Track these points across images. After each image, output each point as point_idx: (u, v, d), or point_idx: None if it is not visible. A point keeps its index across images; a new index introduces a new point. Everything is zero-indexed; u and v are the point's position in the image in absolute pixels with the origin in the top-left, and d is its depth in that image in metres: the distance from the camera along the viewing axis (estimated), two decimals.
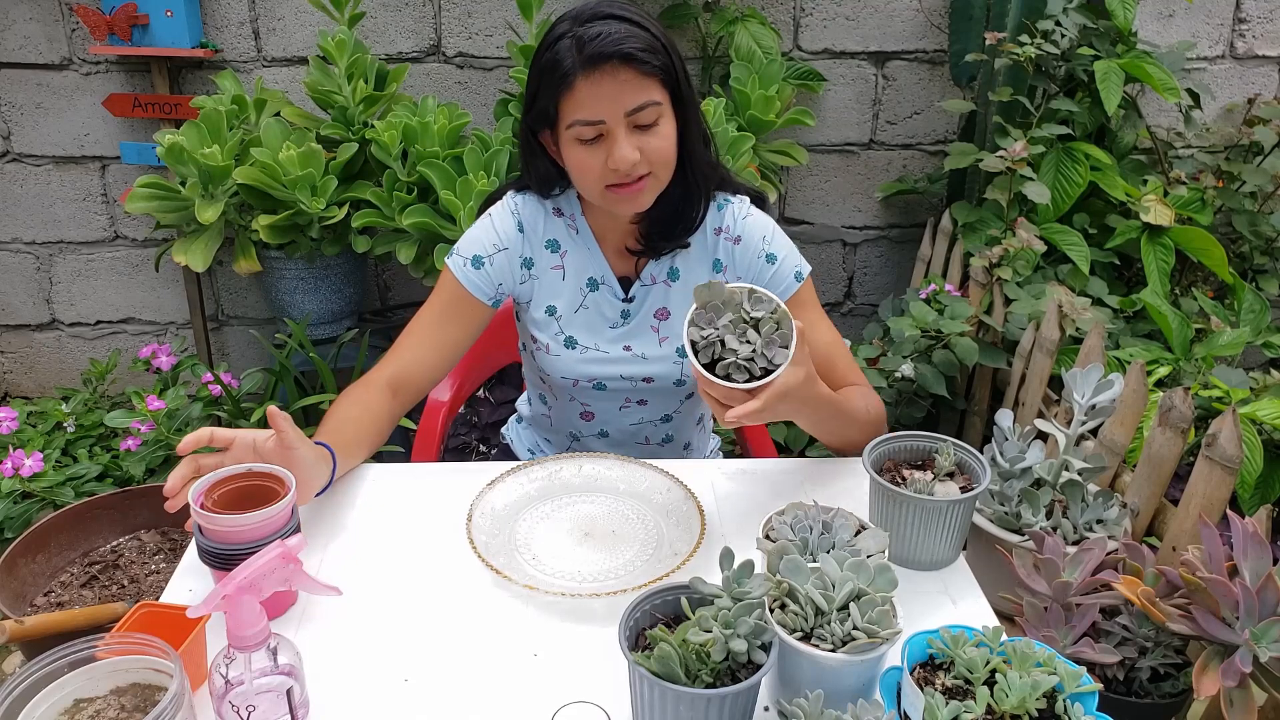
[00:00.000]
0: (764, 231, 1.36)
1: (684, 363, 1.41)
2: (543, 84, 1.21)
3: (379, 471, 1.27)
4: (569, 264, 1.37)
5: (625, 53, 1.15)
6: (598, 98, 1.17)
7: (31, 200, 2.74)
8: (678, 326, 1.40)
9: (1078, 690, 0.79)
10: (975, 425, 2.27)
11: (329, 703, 0.89)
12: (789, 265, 1.35)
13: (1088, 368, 1.20)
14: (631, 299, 1.38)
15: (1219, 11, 2.67)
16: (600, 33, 1.15)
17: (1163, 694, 1.06)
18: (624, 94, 1.17)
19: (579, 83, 1.16)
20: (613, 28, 1.16)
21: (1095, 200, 2.41)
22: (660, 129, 1.21)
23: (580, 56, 1.16)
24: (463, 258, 1.34)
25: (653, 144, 1.20)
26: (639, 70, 1.17)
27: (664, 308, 1.39)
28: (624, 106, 1.17)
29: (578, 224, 1.37)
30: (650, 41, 1.18)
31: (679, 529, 1.12)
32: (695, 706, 0.78)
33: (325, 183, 2.29)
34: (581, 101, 1.17)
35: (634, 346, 1.39)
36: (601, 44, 1.15)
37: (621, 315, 1.39)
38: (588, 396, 1.42)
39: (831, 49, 2.67)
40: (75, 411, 2.36)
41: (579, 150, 1.21)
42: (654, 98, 1.19)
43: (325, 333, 2.55)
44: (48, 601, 1.57)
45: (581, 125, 1.19)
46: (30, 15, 2.54)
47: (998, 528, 1.21)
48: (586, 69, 1.16)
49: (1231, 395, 1.66)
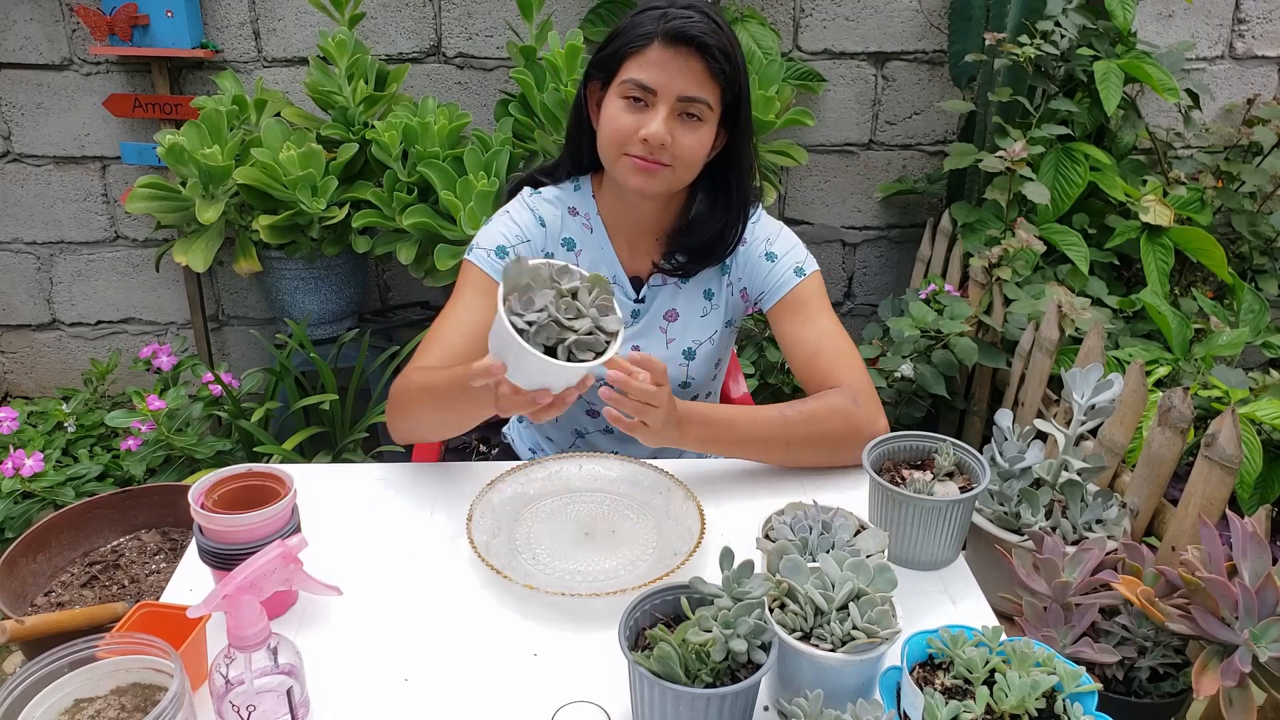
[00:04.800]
0: (768, 233, 1.39)
1: (690, 364, 1.41)
2: (619, 37, 1.25)
3: (379, 471, 1.27)
4: (583, 263, 1.38)
5: (704, 44, 1.20)
6: (663, 68, 1.21)
7: (32, 200, 2.74)
8: (685, 328, 1.41)
9: (1077, 690, 0.80)
10: (975, 425, 2.27)
11: (329, 703, 0.89)
12: (788, 262, 1.37)
13: (1087, 368, 1.20)
14: (642, 299, 1.39)
15: (1218, 12, 2.67)
16: (691, 16, 1.21)
17: (1162, 694, 1.06)
18: (687, 78, 1.21)
19: (653, 47, 1.21)
20: (704, 20, 1.21)
21: (1095, 200, 2.41)
22: (699, 130, 1.24)
23: (665, 26, 1.20)
24: (485, 250, 1.34)
25: (686, 139, 1.24)
26: (708, 67, 1.21)
27: (673, 309, 1.40)
28: (681, 90, 1.21)
29: (592, 223, 1.38)
30: (728, 50, 1.23)
31: (679, 529, 1.12)
32: (695, 706, 0.78)
33: (325, 183, 2.29)
34: (646, 65, 1.21)
35: (642, 347, 1.40)
36: (688, 24, 1.20)
37: (632, 315, 1.40)
38: (594, 396, 1.42)
39: (831, 49, 2.67)
40: (76, 411, 2.36)
41: (620, 108, 1.24)
42: (709, 99, 1.23)
43: (325, 333, 2.55)
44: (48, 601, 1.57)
45: (634, 85, 1.22)
46: (31, 15, 2.54)
47: (997, 528, 1.21)
48: (665, 40, 1.21)
49: (1231, 395, 1.66)
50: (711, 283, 1.41)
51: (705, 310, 1.42)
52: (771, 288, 1.37)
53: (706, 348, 1.43)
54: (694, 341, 1.41)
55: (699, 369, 1.43)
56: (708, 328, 1.42)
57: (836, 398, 1.28)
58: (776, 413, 1.27)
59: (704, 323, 1.42)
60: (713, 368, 1.46)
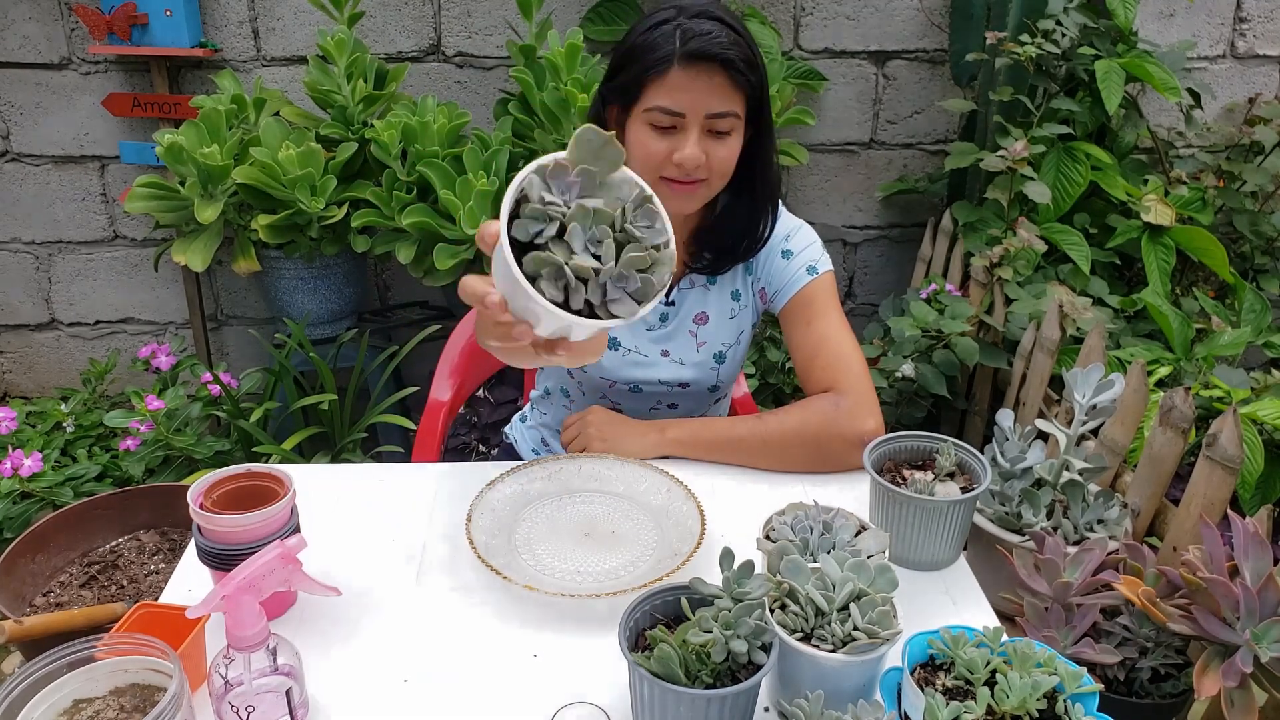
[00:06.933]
0: (787, 230, 1.38)
1: (720, 368, 1.41)
2: (635, 61, 1.21)
3: (379, 471, 1.27)
4: None
5: (727, 59, 1.17)
6: (688, 91, 1.18)
7: (31, 200, 2.73)
8: (716, 331, 1.40)
9: (1078, 691, 0.79)
10: (976, 425, 2.27)
11: (329, 703, 0.88)
12: (803, 259, 1.36)
13: (1088, 368, 1.19)
14: (673, 303, 1.39)
15: (1219, 11, 2.67)
16: (709, 31, 1.17)
17: (1163, 694, 1.06)
18: (712, 97, 1.19)
19: (673, 71, 1.18)
20: (721, 31, 1.18)
21: (1096, 200, 2.40)
22: (730, 141, 1.23)
23: (683, 48, 1.17)
24: None
25: (720, 153, 1.22)
26: (732, 79, 1.19)
27: (702, 312, 1.39)
28: (708, 109, 1.19)
29: None
30: (749, 56, 1.20)
31: (679, 529, 1.12)
32: (695, 707, 0.77)
33: (325, 182, 2.28)
34: (670, 90, 1.19)
35: (672, 351, 1.39)
36: (707, 42, 1.17)
37: (661, 319, 1.39)
38: (621, 397, 1.42)
39: (832, 48, 2.66)
40: (74, 411, 2.35)
41: (648, 134, 1.22)
42: (736, 109, 1.21)
43: (324, 332, 2.55)
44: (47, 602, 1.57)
45: (661, 113, 1.20)
46: (30, 15, 2.54)
47: (998, 528, 1.20)
48: (685, 61, 1.17)
49: (1232, 395, 1.65)
50: (738, 283, 1.40)
51: (734, 312, 1.41)
52: (784, 286, 1.36)
53: (735, 350, 1.42)
54: (724, 345, 1.40)
55: (728, 371, 1.43)
56: (735, 330, 1.41)
57: (819, 401, 1.28)
58: (756, 416, 1.29)
59: (732, 325, 1.41)
60: (737, 370, 1.46)
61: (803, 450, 1.26)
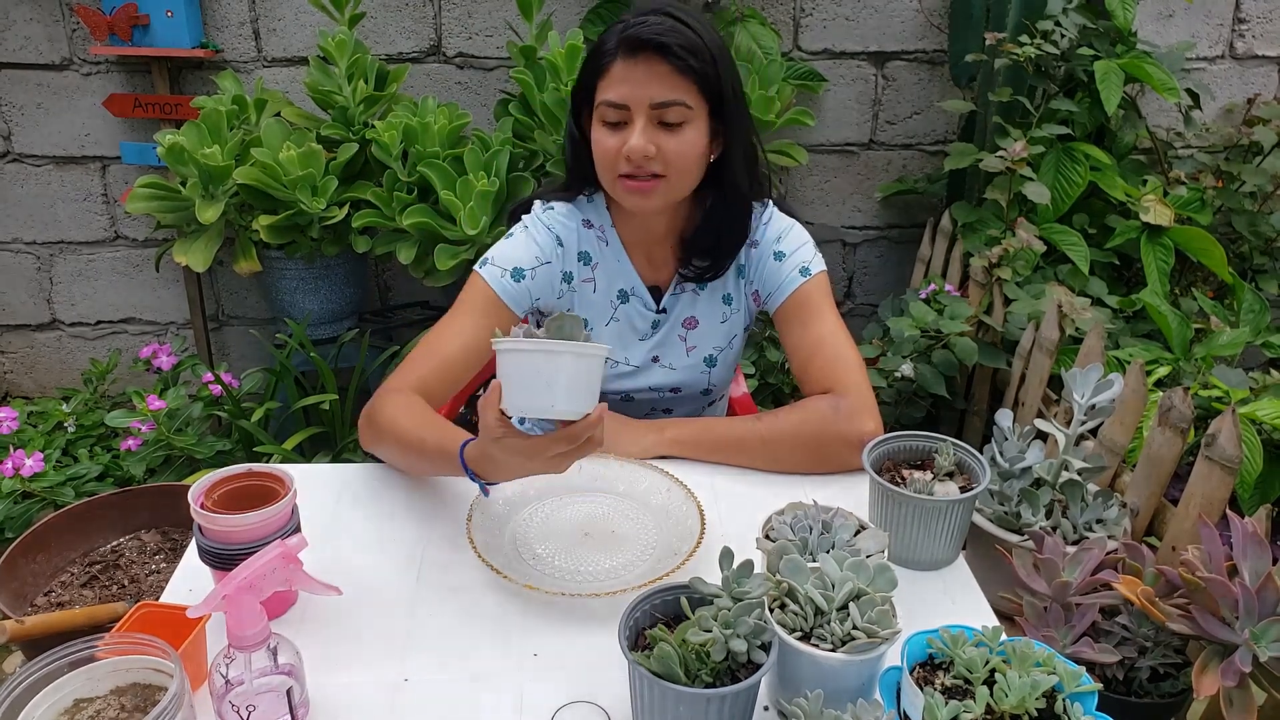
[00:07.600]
0: (779, 232, 1.37)
1: (711, 371, 1.41)
2: (587, 63, 1.23)
3: (380, 472, 1.27)
4: (599, 276, 1.36)
5: (662, 44, 1.17)
6: (628, 82, 1.19)
7: (32, 200, 2.74)
8: (706, 335, 1.40)
9: (1077, 690, 0.80)
10: (975, 425, 2.27)
11: (329, 703, 0.89)
12: (795, 261, 1.35)
13: (1087, 368, 1.20)
14: (663, 310, 1.38)
15: (1219, 11, 2.67)
16: (646, 22, 1.18)
17: (1162, 694, 1.06)
18: (654, 85, 1.18)
19: (615, 65, 1.19)
20: (661, 21, 1.18)
21: (1095, 200, 2.41)
22: (684, 134, 1.21)
23: (622, 39, 1.18)
24: (500, 269, 1.30)
25: (670, 145, 1.20)
26: (674, 66, 1.18)
27: (692, 316, 1.39)
28: (651, 98, 1.18)
29: (607, 235, 1.36)
30: (693, 42, 1.18)
31: (679, 529, 1.12)
32: (695, 706, 0.78)
33: (325, 183, 2.29)
34: (613, 83, 1.20)
35: (662, 357, 1.39)
36: (642, 30, 1.17)
37: (652, 326, 1.38)
38: (614, 407, 1.40)
39: (831, 49, 2.67)
40: (75, 411, 2.36)
41: (602, 132, 1.22)
42: (684, 99, 1.19)
43: (325, 333, 2.55)
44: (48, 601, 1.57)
45: (608, 106, 1.20)
46: (31, 15, 2.54)
47: (997, 527, 1.21)
48: (625, 53, 1.18)
49: (1231, 395, 1.65)
50: (730, 287, 1.39)
51: (725, 315, 1.40)
52: (777, 288, 1.35)
53: (727, 354, 1.42)
54: (715, 348, 1.40)
55: (720, 375, 1.43)
56: (727, 333, 1.41)
57: (817, 402, 1.27)
58: (755, 417, 1.28)
59: (724, 329, 1.41)
60: (731, 373, 1.46)
61: (802, 451, 1.26)
